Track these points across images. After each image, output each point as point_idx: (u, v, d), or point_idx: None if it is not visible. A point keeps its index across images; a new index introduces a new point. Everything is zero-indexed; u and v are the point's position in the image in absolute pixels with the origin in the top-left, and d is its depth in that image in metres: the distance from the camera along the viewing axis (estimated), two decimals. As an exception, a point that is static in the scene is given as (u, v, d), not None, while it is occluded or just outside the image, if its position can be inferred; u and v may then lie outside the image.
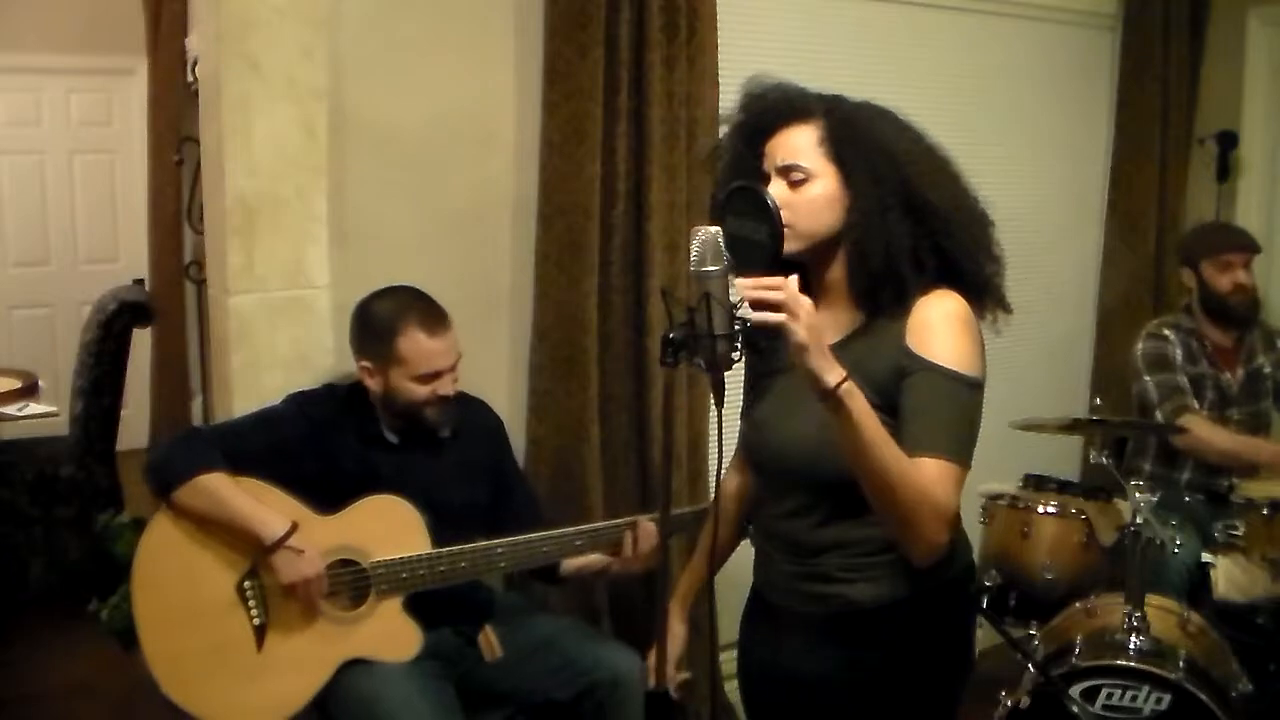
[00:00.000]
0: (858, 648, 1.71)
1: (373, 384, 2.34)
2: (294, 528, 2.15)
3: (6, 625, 3.78)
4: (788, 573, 1.76)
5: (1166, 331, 3.38)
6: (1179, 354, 3.33)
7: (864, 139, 1.65)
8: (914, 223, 1.63)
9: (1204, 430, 3.19)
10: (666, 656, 1.91)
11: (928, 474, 1.54)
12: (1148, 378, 3.31)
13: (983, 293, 1.69)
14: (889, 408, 1.61)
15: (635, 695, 2.36)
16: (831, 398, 1.46)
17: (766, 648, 1.84)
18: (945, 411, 1.58)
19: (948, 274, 1.66)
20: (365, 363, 2.34)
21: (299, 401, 2.34)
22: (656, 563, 2.33)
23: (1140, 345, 3.38)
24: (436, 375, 2.31)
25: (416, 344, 2.29)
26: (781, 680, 1.80)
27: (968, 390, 1.60)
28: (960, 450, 1.57)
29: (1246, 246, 3.31)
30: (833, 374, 1.46)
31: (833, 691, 1.73)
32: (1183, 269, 3.41)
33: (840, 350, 1.67)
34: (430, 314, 2.33)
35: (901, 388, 1.60)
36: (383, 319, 2.33)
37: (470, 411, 2.49)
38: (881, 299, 1.64)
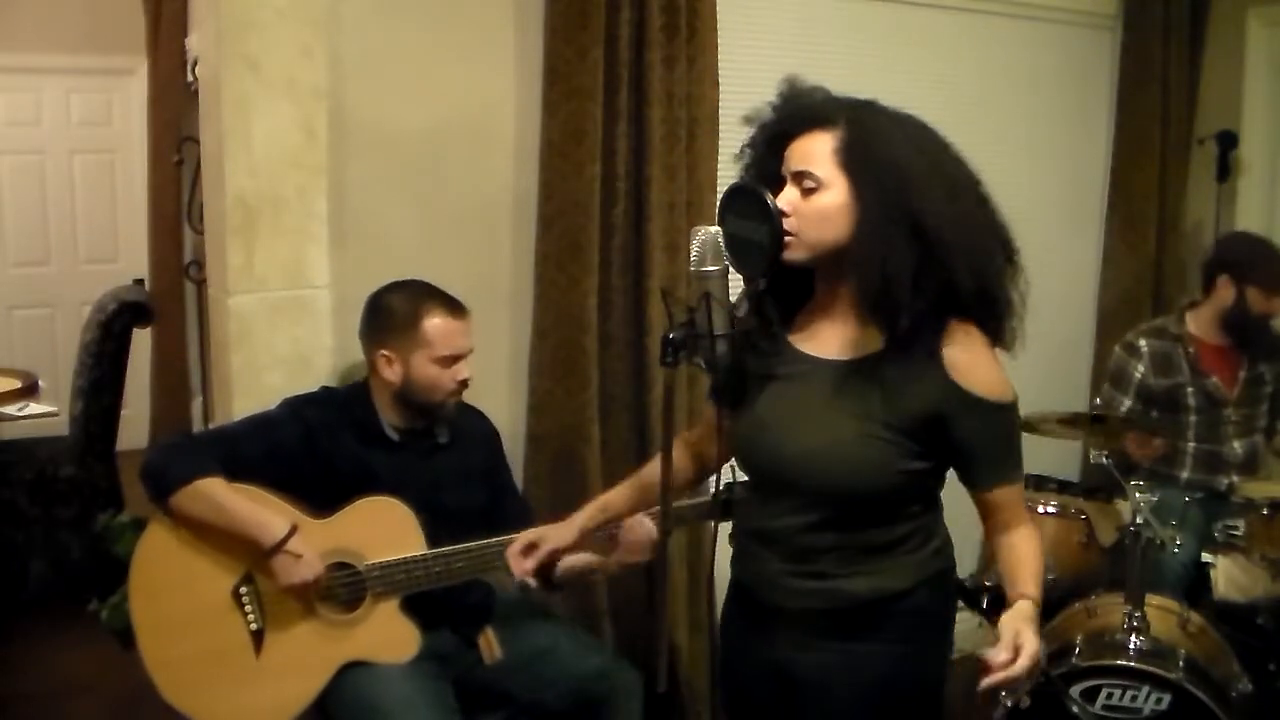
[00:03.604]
0: (855, 639, 1.72)
1: (390, 374, 2.32)
2: (294, 530, 2.15)
3: (6, 625, 3.77)
4: (780, 570, 1.76)
5: (1142, 343, 3.40)
6: (1144, 369, 3.37)
7: (877, 155, 1.60)
8: (918, 249, 1.57)
9: None
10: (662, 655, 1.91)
11: (1013, 499, 1.73)
12: (1106, 385, 3.47)
13: (988, 325, 1.67)
14: (919, 438, 1.64)
15: (633, 708, 2.37)
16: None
17: (757, 643, 1.83)
18: (1011, 441, 1.73)
19: (949, 302, 1.61)
20: (385, 351, 2.32)
21: (294, 405, 2.33)
22: (651, 557, 2.31)
23: (1114, 352, 3.46)
24: (458, 358, 2.32)
25: (440, 325, 2.31)
26: (773, 674, 1.80)
27: (1016, 414, 1.72)
28: (1022, 467, 1.75)
29: None
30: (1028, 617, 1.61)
31: (829, 683, 1.73)
32: (1220, 275, 3.27)
33: (867, 370, 1.65)
34: (449, 298, 2.36)
35: (960, 424, 1.65)
36: (403, 305, 2.34)
37: (467, 418, 2.49)
38: (894, 324, 1.59)
